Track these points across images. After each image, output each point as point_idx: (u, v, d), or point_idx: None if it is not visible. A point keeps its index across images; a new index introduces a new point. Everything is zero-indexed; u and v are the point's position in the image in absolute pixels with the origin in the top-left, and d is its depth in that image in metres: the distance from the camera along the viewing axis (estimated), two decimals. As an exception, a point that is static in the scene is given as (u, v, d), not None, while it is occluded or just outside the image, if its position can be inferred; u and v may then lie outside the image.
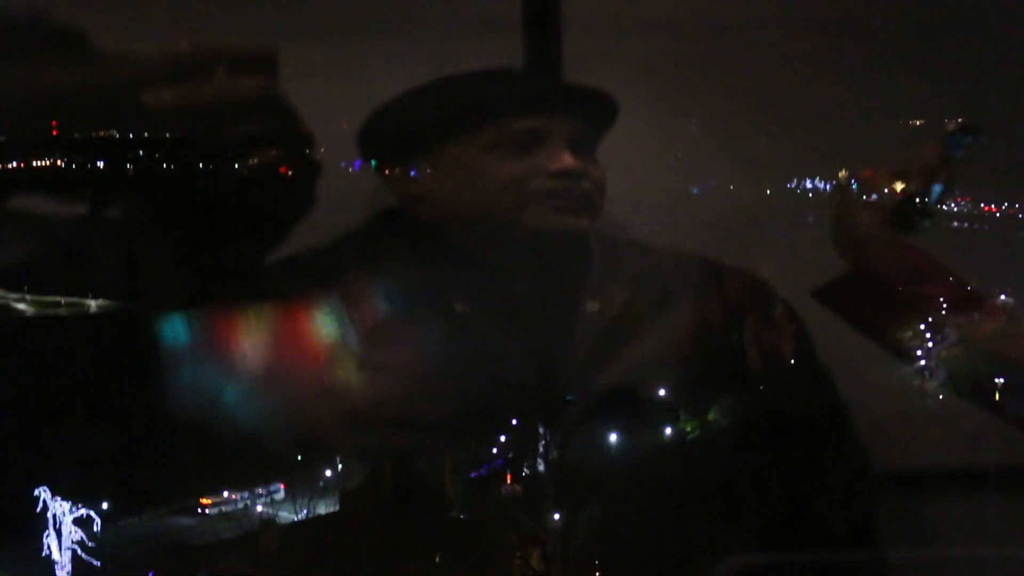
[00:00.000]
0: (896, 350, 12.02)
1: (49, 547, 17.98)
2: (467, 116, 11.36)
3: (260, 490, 21.20)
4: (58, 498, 18.48)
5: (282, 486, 21.76)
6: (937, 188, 10.98)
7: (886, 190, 11.92)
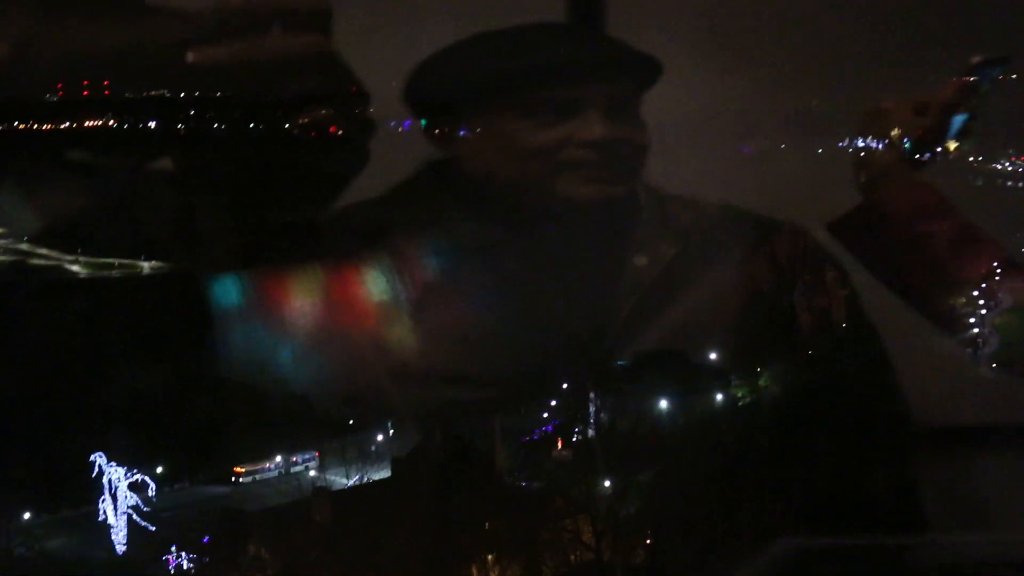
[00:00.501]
0: (903, 289, 11.67)
1: (104, 512, 20.35)
2: (507, 79, 10.94)
3: (295, 458, 23.82)
4: (113, 463, 20.52)
5: (316, 454, 23.60)
6: (959, 119, 10.69)
7: (907, 122, 11.51)
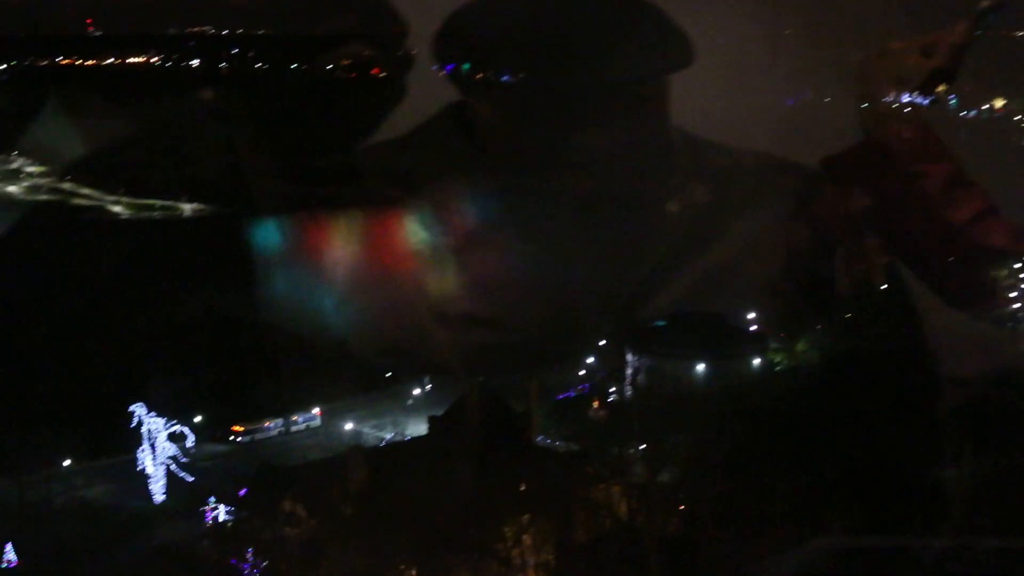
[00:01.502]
0: (889, 229, 12.47)
1: (143, 462, 66.42)
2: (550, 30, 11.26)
3: (296, 417, 79.24)
4: (153, 414, 63.39)
5: (318, 413, 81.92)
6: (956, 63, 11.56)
7: (915, 63, 12.52)
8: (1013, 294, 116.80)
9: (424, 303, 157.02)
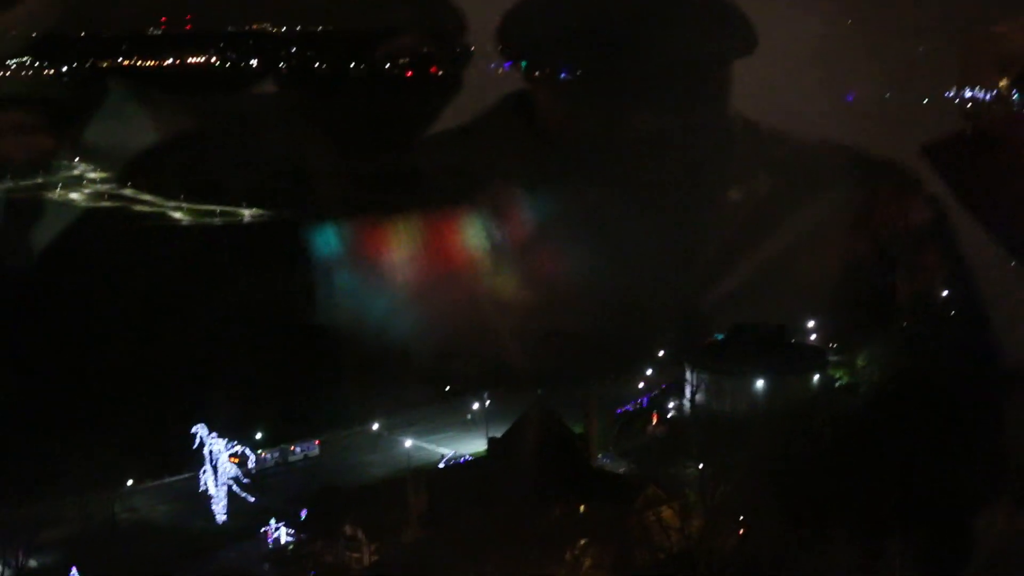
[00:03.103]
0: (991, 217, 12.51)
1: (206, 483, 66.28)
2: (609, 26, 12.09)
3: (294, 448, 76.49)
4: (215, 434, 64.07)
5: (316, 443, 79.96)
6: None
7: (1018, 45, 12.33)
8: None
9: (487, 305, 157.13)
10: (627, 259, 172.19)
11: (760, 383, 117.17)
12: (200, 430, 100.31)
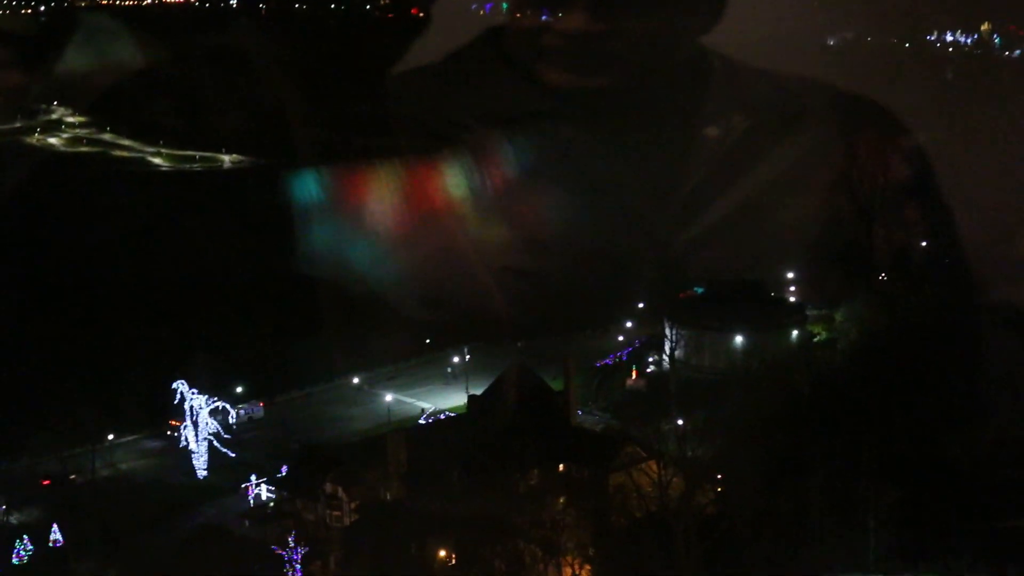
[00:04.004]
0: None
1: (187, 439, 67.53)
2: None
3: (240, 409, 75.24)
4: (195, 391, 64.74)
5: (261, 405, 78.18)
6: None
7: None
8: None
9: (468, 250, 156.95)
10: (606, 207, 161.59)
11: (739, 339, 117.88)
12: (181, 386, 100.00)
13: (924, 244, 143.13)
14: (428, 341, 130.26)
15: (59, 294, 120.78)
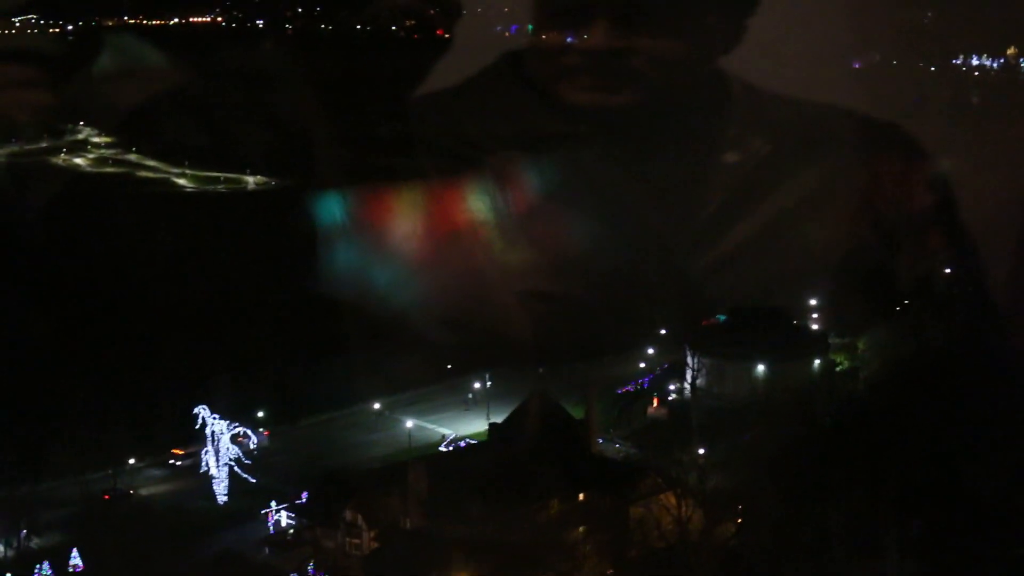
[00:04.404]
0: None
1: (207, 463, 64.12)
2: None
3: (248, 437, 70.53)
4: (216, 416, 62.09)
5: (266, 433, 79.60)
6: None
7: None
8: None
9: (490, 272, 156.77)
10: (628, 231, 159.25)
11: (760, 367, 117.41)
12: (202, 411, 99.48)
13: (948, 271, 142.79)
14: (449, 367, 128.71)
15: (83, 317, 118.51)
